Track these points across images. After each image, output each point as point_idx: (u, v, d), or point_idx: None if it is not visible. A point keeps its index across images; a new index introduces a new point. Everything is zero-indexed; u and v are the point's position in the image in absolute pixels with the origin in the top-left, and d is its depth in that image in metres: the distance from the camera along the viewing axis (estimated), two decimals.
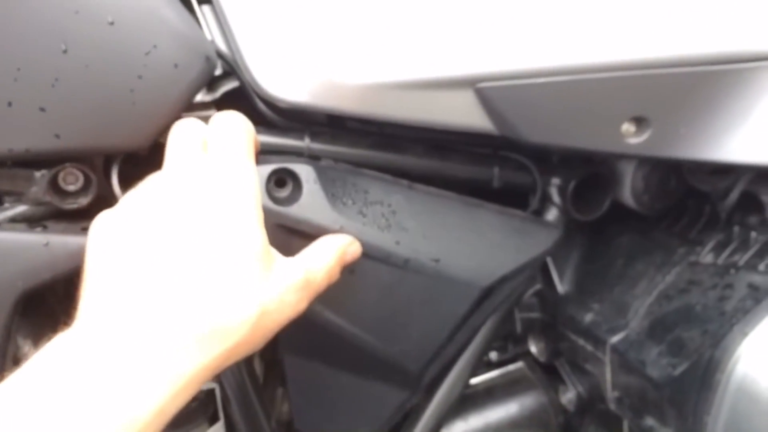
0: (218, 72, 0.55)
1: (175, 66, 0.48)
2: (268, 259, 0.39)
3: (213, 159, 0.41)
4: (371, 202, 0.52)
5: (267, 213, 0.45)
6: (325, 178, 0.51)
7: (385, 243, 0.52)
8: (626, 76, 0.51)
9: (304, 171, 0.50)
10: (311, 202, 0.50)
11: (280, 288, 0.39)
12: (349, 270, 0.49)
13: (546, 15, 0.51)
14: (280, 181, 0.50)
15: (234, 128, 0.43)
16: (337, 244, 0.47)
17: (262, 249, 0.39)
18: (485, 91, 0.51)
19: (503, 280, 0.57)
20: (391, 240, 0.52)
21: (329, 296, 0.50)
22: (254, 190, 0.41)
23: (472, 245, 0.56)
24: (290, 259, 0.43)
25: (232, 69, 0.54)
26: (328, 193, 0.50)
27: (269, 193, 0.49)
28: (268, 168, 0.49)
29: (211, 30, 0.56)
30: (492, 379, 0.73)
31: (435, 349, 0.58)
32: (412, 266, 0.53)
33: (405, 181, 0.55)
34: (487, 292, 0.57)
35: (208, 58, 0.49)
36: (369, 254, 0.51)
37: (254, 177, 0.41)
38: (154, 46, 0.47)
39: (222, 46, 0.55)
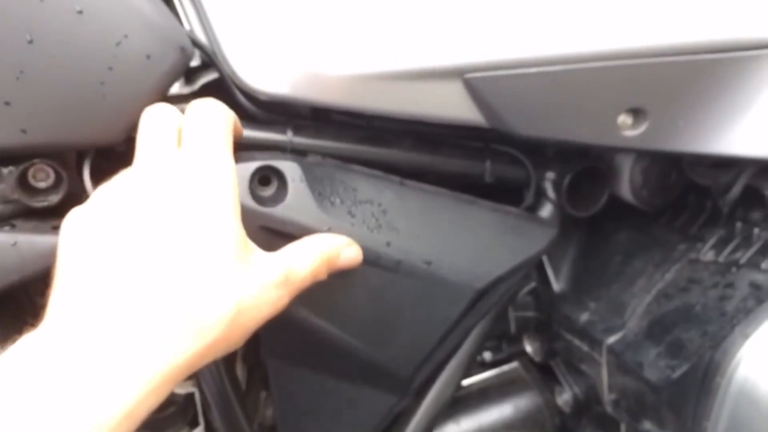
0: (196, 63, 0.53)
1: (148, 57, 0.45)
2: (245, 254, 0.38)
3: (186, 150, 0.39)
4: (361, 201, 0.50)
5: (250, 214, 0.43)
6: (311, 176, 0.48)
7: (375, 244, 0.49)
8: (622, 66, 0.49)
9: (290, 168, 0.48)
10: (297, 202, 0.47)
11: (257, 284, 0.37)
12: (337, 273, 0.47)
13: (537, 2, 0.48)
14: (264, 180, 0.48)
15: (210, 117, 0.41)
16: (328, 244, 0.44)
17: (238, 243, 0.37)
18: (474, 82, 0.49)
19: (497, 281, 0.55)
20: (381, 241, 0.50)
21: (316, 300, 0.48)
22: (229, 182, 0.39)
23: (465, 245, 0.53)
24: (271, 254, 0.41)
25: (210, 60, 0.52)
26: (315, 192, 0.48)
27: (252, 192, 0.46)
28: (252, 166, 0.47)
29: (189, 19, 0.54)
30: (486, 380, 0.71)
31: (426, 352, 0.56)
32: (403, 268, 0.51)
33: (396, 178, 0.53)
34: (481, 294, 0.55)
35: (182, 49, 0.47)
36: None
37: (230, 168, 0.39)
38: (125, 36, 0.44)
39: (200, 36, 0.53)
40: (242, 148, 0.55)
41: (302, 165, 0.48)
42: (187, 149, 0.39)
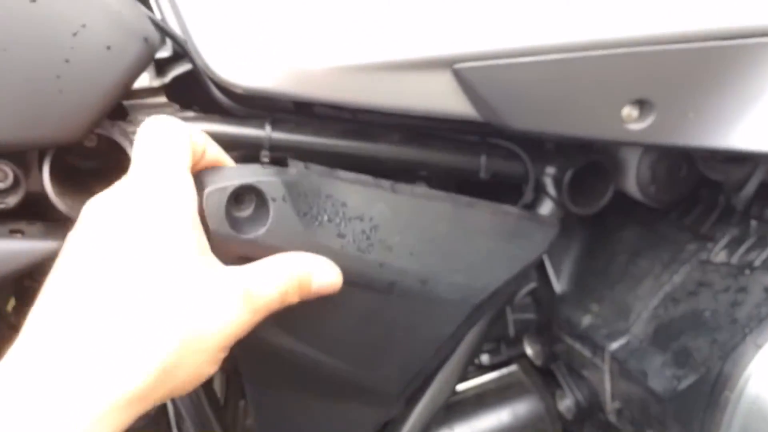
0: (168, 53, 0.50)
1: (108, 48, 0.42)
2: (199, 272, 0.35)
3: (136, 173, 0.37)
4: (350, 217, 0.45)
5: (229, 243, 0.39)
6: (295, 193, 0.42)
7: (367, 267, 0.45)
8: (625, 54, 0.45)
9: (271, 187, 0.41)
10: (280, 225, 0.41)
11: (213, 303, 0.35)
12: (324, 298, 0.43)
13: None
14: (242, 199, 0.41)
15: (161, 136, 0.38)
16: (300, 266, 0.40)
17: (187, 263, 0.35)
18: (464, 73, 0.45)
19: (495, 293, 0.51)
20: (374, 263, 0.46)
21: (302, 327, 0.44)
22: (178, 203, 0.36)
23: (462, 259, 0.49)
24: (233, 268, 0.37)
25: (183, 50, 0.48)
26: (300, 212, 0.42)
27: (229, 216, 0.40)
28: (228, 188, 0.40)
29: (160, 6, 0.50)
30: (483, 384, 0.68)
31: (418, 369, 0.52)
32: (397, 289, 0.47)
33: (387, 183, 0.48)
34: (477, 308, 0.51)
35: (146, 39, 0.43)
36: (349, 281, 0.43)
37: (180, 188, 0.37)
38: (83, 26, 0.41)
39: (173, 25, 0.49)
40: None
41: (285, 181, 0.42)
42: (136, 172, 0.37)
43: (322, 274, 0.41)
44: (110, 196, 0.37)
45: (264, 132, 0.50)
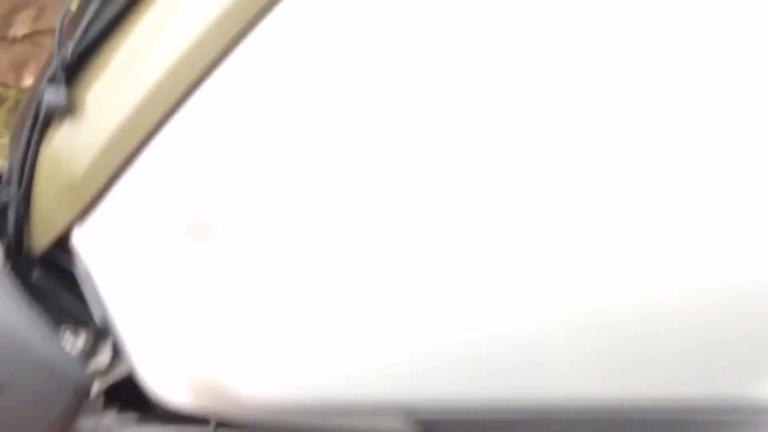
0: (108, 355, 0.46)
1: (36, 404, 0.39)
2: None
3: None
4: None
5: None
6: None
7: None
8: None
9: None
10: None
11: None
12: None
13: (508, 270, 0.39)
14: None
15: None
16: None
17: None
18: (426, 423, 0.42)
19: None
20: None
21: None
22: None
23: None
24: None
25: (124, 353, 0.45)
26: None
27: None
28: None
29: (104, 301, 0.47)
30: None
31: None
32: None
33: None
34: None
35: (76, 390, 0.40)
36: None
37: None
38: (8, 384, 0.38)
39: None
40: None
41: None
42: None
43: None
44: None
45: None
